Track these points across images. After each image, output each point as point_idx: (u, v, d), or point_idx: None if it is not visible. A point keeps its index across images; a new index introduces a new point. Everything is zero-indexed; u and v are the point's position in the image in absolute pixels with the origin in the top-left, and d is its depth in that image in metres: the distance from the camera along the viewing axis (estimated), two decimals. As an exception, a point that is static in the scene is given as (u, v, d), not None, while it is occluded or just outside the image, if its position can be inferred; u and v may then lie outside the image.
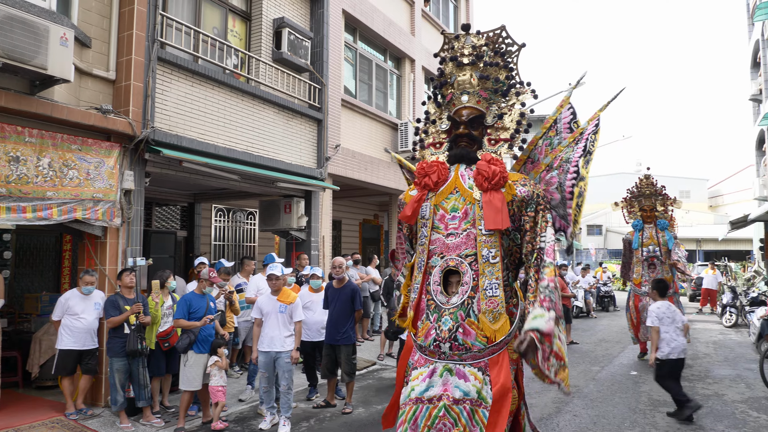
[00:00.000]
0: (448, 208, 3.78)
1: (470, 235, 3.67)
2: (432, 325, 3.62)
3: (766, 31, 20.36)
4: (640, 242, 10.66)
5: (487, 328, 3.52)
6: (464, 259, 3.63)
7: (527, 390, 8.01)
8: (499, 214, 3.56)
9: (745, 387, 8.34)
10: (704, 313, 19.26)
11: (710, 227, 43.42)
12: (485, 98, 3.98)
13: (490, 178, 3.62)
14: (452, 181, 3.85)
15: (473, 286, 3.58)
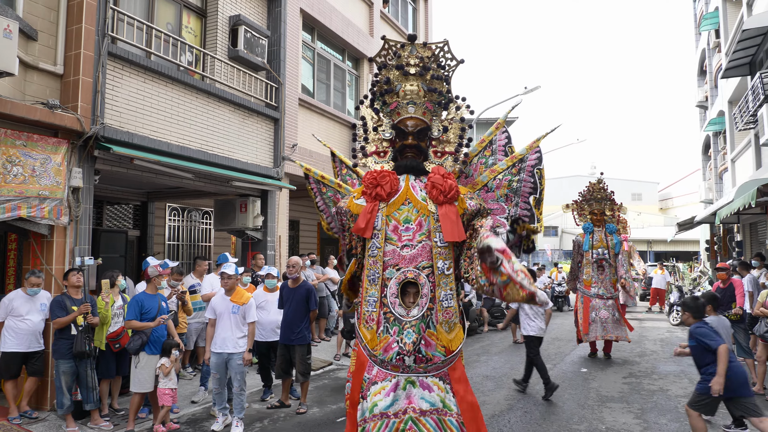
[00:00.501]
0: (401, 219, 3.81)
1: (426, 246, 3.72)
2: (393, 338, 3.63)
3: (711, 40, 21.19)
4: (590, 245, 10.93)
5: (444, 338, 3.61)
6: (421, 270, 3.67)
7: (481, 389, 8.19)
8: (456, 227, 3.66)
9: (688, 382, 8.67)
10: (653, 312, 19.92)
11: (661, 229, 44.87)
12: (430, 110, 4.03)
13: (446, 192, 3.71)
14: (404, 192, 3.88)
15: (431, 298, 3.64)
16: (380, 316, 3.70)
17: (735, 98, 17.24)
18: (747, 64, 14.77)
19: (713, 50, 21.33)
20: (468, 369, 9.47)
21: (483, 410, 6.96)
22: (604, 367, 9.89)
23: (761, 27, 12.38)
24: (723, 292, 9.23)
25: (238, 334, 6.34)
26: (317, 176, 4.99)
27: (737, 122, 14.73)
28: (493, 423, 6.52)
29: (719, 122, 20.19)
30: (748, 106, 13.22)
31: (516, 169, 4.13)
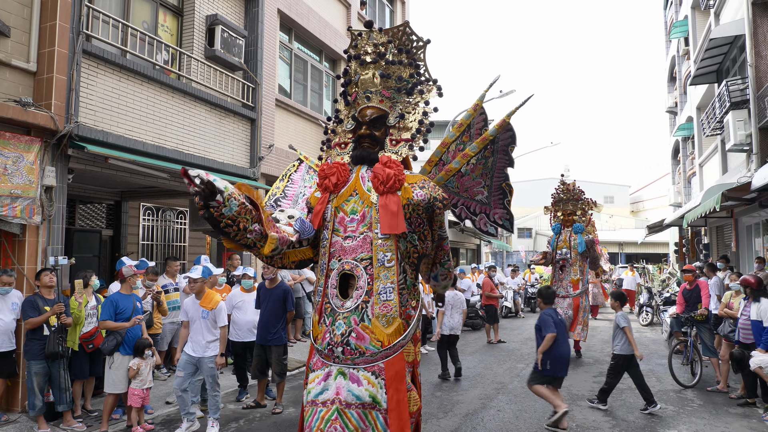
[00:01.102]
0: (348, 211, 3.72)
1: (367, 238, 3.62)
2: (327, 328, 3.59)
3: (681, 48, 21.72)
4: (555, 245, 11.24)
5: (380, 332, 3.49)
6: (359, 262, 3.59)
7: (456, 388, 8.30)
8: (395, 218, 3.54)
9: (656, 380, 8.91)
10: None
11: (632, 231, 45.72)
12: (388, 97, 3.90)
13: (385, 181, 3.59)
14: (352, 183, 3.79)
15: (367, 290, 3.54)
16: (322, 306, 3.67)
17: (703, 105, 17.72)
18: (714, 72, 15.20)
19: (683, 57, 21.87)
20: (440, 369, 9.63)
21: (458, 409, 7.11)
22: (575, 366, 10.09)
23: (727, 37, 12.77)
24: (689, 293, 9.51)
25: (209, 338, 6.24)
26: (313, 165, 5.02)
27: (705, 128, 15.15)
28: (467, 421, 6.63)
29: (688, 128, 20.71)
30: (714, 112, 13.61)
31: (489, 152, 4.08)
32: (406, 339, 3.58)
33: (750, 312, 7.24)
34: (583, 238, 10.98)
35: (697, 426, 6.52)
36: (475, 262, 23.18)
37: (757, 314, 7.10)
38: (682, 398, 7.79)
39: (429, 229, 3.80)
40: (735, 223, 15.14)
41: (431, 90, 3.98)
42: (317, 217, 3.74)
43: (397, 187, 3.62)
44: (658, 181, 51.08)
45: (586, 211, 11.59)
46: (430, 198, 3.70)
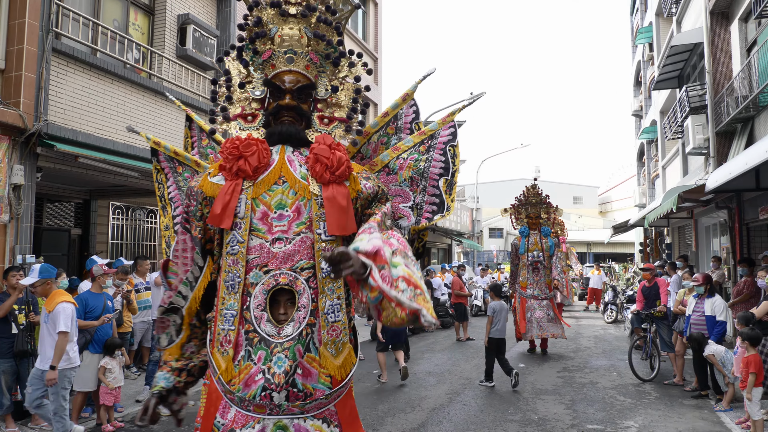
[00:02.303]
0: (273, 204, 2.80)
1: (306, 240, 2.74)
2: (257, 367, 2.60)
3: (646, 53, 22.35)
4: (526, 248, 11.45)
5: (330, 364, 2.65)
6: (299, 273, 2.69)
7: (424, 384, 8.49)
8: (345, 215, 2.78)
9: (617, 375, 9.24)
10: (590, 311, 20.84)
11: (600, 231, 46.64)
12: (315, 64, 3.04)
13: (334, 167, 2.79)
14: (277, 167, 2.87)
15: (312, 310, 2.66)
16: (240, 336, 2.66)
17: (665, 109, 18.28)
18: (676, 78, 15.72)
19: (647, 63, 22.50)
20: (412, 366, 9.83)
21: (425, 404, 7.29)
22: (541, 362, 10.39)
23: (687, 44, 13.24)
24: (648, 290, 9.86)
25: (51, 343, 5.39)
26: (170, 152, 3.80)
27: (667, 132, 15.65)
28: (434, 415, 6.82)
29: (652, 131, 21.32)
30: (676, 117, 14.09)
31: (425, 147, 3.33)
32: (353, 370, 2.79)
33: (704, 308, 7.59)
34: (552, 240, 11.43)
35: (652, 417, 6.82)
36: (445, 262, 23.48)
37: (711, 309, 7.45)
38: (640, 391, 8.11)
39: None
40: (695, 224, 15.70)
41: (358, 64, 3.21)
42: (224, 213, 2.76)
43: (346, 176, 2.85)
44: (625, 183, 52.24)
45: (551, 213, 11.92)
46: (378, 191, 2.96)
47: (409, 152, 3.34)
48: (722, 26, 11.84)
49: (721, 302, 7.53)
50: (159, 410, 2.66)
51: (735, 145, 10.99)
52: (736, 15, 11.23)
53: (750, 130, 10.39)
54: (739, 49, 11.15)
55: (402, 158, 3.33)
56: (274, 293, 2.68)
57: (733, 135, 11.31)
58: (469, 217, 29.83)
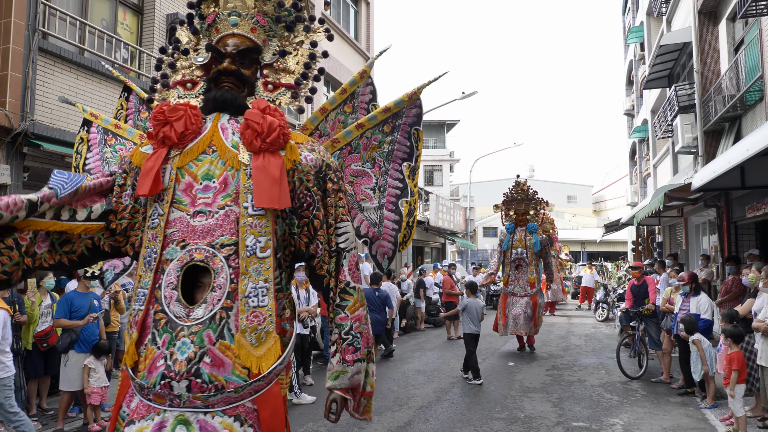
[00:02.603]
0: (199, 175, 2.54)
1: (230, 214, 2.47)
2: (160, 351, 2.34)
3: (637, 53, 22.44)
4: (509, 244, 11.41)
5: (247, 354, 2.36)
6: (218, 250, 2.42)
7: (412, 382, 8.52)
8: (276, 186, 2.47)
9: (605, 373, 9.30)
10: (582, 309, 20.92)
11: (594, 230, 46.83)
12: (263, 27, 2.81)
13: (265, 133, 2.51)
14: (207, 135, 2.61)
15: (230, 292, 2.39)
16: (148, 317, 2.42)
17: (656, 108, 18.36)
18: (666, 77, 15.80)
19: (638, 62, 22.58)
20: (401, 365, 9.87)
21: (413, 402, 7.32)
22: (530, 360, 10.43)
23: (677, 43, 13.31)
24: (637, 288, 9.92)
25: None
26: (109, 125, 3.56)
27: (657, 131, 15.73)
28: (421, 414, 6.84)
29: (643, 130, 21.41)
30: (665, 116, 14.17)
31: (389, 127, 3.17)
32: (283, 363, 2.49)
33: (690, 306, 7.65)
34: (537, 237, 11.28)
35: (638, 414, 6.87)
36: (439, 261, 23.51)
37: (696, 308, 7.51)
38: (628, 389, 8.16)
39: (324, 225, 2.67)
40: (685, 223, 15.79)
41: (318, 30, 2.95)
42: (148, 179, 2.51)
43: (280, 144, 2.56)
44: (618, 182, 52.41)
45: (539, 210, 11.83)
46: (322, 165, 2.65)
47: (373, 131, 3.19)
48: (710, 26, 11.91)
49: (707, 301, 7.59)
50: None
51: (723, 143, 11.07)
52: (723, 14, 11.30)
53: (737, 129, 10.45)
54: (726, 48, 11.22)
55: (366, 137, 3.18)
56: (199, 274, 2.44)
57: (721, 134, 11.38)
58: (463, 216, 29.89)
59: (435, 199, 23.62)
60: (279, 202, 2.48)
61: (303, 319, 7.73)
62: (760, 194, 9.32)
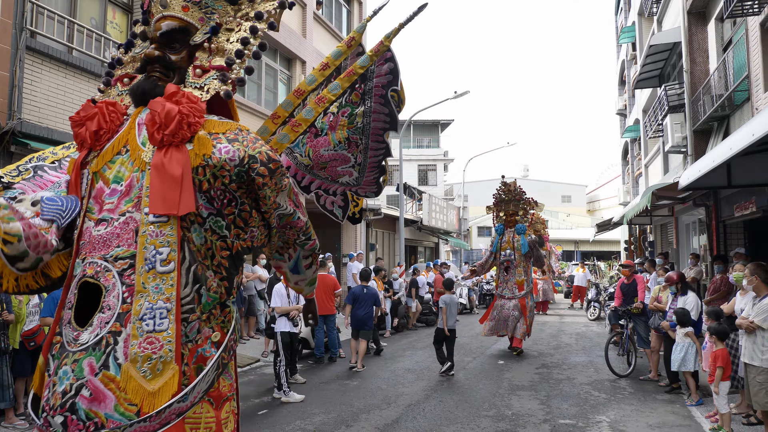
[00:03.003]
0: (110, 178, 2.23)
1: (129, 222, 2.13)
2: (49, 380, 2.09)
3: (629, 53, 22.51)
4: (498, 246, 11.28)
5: (138, 388, 1.96)
6: (111, 263, 2.08)
7: (402, 381, 8.54)
8: (176, 188, 2.09)
9: (594, 371, 9.34)
10: (575, 308, 21.00)
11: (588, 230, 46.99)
12: (197, 3, 2.44)
13: (164, 124, 2.13)
14: (123, 133, 2.30)
15: (121, 314, 2.03)
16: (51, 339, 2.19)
17: (647, 108, 18.44)
18: (657, 77, 15.87)
19: (630, 62, 22.66)
20: (392, 363, 9.90)
21: (401, 400, 7.34)
22: (520, 359, 10.47)
23: (667, 43, 13.38)
24: (627, 287, 9.98)
25: None
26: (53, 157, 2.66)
27: (648, 130, 15.80)
28: (409, 412, 6.87)
29: (635, 129, 21.50)
30: (656, 115, 14.23)
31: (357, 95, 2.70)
32: (186, 400, 2.03)
33: (678, 305, 7.69)
34: (525, 239, 11.09)
35: (624, 412, 6.91)
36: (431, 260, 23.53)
37: (684, 306, 7.55)
38: (616, 387, 8.21)
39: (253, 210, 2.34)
40: (676, 222, 15.87)
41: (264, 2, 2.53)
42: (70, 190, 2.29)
43: (184, 135, 2.17)
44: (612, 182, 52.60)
45: (528, 211, 11.70)
46: (244, 158, 2.23)
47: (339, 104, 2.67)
48: (699, 26, 11.98)
49: (694, 300, 7.64)
50: None
51: (712, 143, 11.13)
52: (712, 15, 11.36)
53: (726, 129, 10.52)
54: (715, 48, 11.29)
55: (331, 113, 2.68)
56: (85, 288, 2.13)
57: (710, 133, 11.45)
58: (456, 216, 29.94)
59: (428, 199, 23.65)
60: (178, 207, 2.09)
61: (293, 318, 7.74)
62: (747, 193, 9.38)
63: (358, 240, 17.99)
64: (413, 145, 39.68)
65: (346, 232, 18.08)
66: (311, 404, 7.14)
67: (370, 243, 19.33)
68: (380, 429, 6.19)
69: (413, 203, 26.69)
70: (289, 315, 7.71)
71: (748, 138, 5.13)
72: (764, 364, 5.40)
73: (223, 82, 2.38)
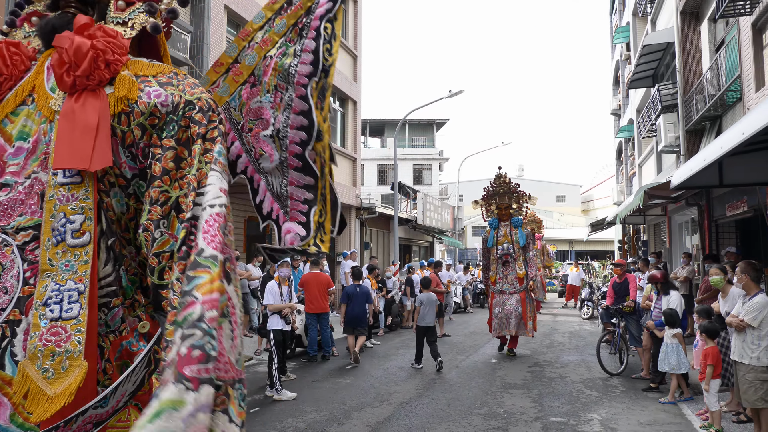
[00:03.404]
0: (14, 134, 1.83)
1: (34, 185, 1.76)
2: None
3: (623, 53, 22.59)
4: (495, 240, 10.92)
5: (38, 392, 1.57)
6: (12, 236, 1.70)
7: (394, 379, 8.54)
8: (89, 138, 1.68)
9: (586, 369, 9.37)
10: (569, 308, 21.05)
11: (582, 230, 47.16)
12: None
13: (74, 63, 1.74)
14: (29, 79, 1.90)
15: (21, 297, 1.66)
16: None
17: (641, 107, 18.50)
18: (650, 77, 15.93)
19: (625, 62, 22.74)
20: (385, 361, 9.91)
21: (393, 398, 7.34)
22: (513, 358, 10.48)
23: (660, 43, 13.43)
24: (619, 286, 10.01)
25: None
26: None
27: (642, 130, 15.85)
28: (401, 410, 6.87)
29: (629, 129, 21.58)
30: (649, 115, 14.28)
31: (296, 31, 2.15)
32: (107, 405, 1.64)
33: (662, 304, 7.77)
34: (523, 231, 10.83)
35: (616, 410, 6.93)
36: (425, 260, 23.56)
37: (668, 306, 7.64)
38: (608, 385, 8.23)
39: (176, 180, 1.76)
40: (669, 221, 15.94)
41: None
42: None
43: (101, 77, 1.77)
44: (606, 182, 52.79)
45: (522, 204, 11.29)
46: (179, 103, 1.79)
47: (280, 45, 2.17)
48: (693, 26, 12.03)
49: (677, 299, 7.72)
50: None
51: (704, 142, 11.18)
52: (705, 15, 11.41)
53: (718, 128, 10.57)
54: (708, 48, 11.34)
55: (270, 56, 2.16)
56: None
57: (703, 133, 11.50)
58: (451, 215, 29.97)
59: (423, 198, 23.67)
60: (90, 161, 1.66)
61: (285, 315, 7.73)
62: (739, 192, 9.43)
63: (352, 239, 17.99)
64: (408, 144, 39.69)
65: (340, 230, 18.05)
66: (303, 402, 7.14)
67: (364, 242, 19.33)
68: (372, 427, 6.19)
69: (408, 202, 26.70)
70: (281, 313, 7.70)
71: (738, 137, 5.16)
72: (754, 362, 5.43)
73: (150, 14, 1.97)
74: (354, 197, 18.08)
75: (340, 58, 17.71)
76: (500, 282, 10.83)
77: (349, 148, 18.25)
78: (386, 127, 39.62)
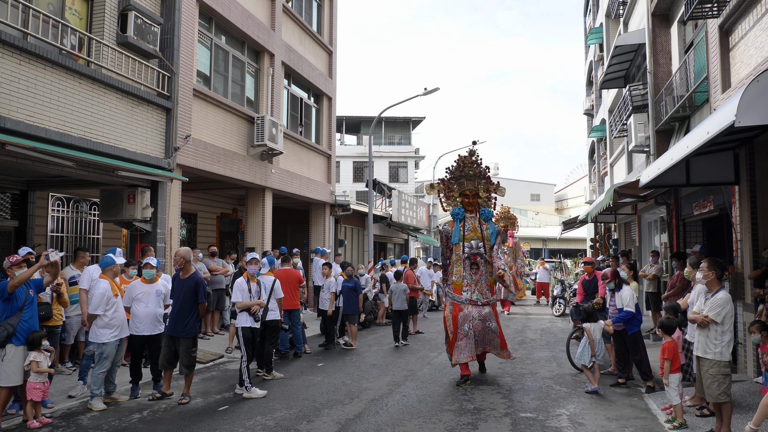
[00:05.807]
0: None
1: None
2: None
3: (596, 54, 22.85)
4: (461, 236, 8.50)
5: None
6: None
7: (366, 376, 8.49)
8: None
9: (556, 366, 9.46)
10: (541, 305, 21.26)
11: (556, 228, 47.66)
12: None
13: None
14: None
15: None
16: None
17: (613, 108, 18.74)
18: (622, 78, 16.14)
19: (598, 63, 23.00)
20: (357, 359, 9.87)
21: (364, 395, 7.31)
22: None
23: (632, 45, 13.61)
24: (588, 283, 10.16)
25: None
26: None
27: (613, 130, 16.05)
28: (371, 406, 6.84)
29: (601, 129, 21.84)
30: (621, 115, 14.47)
31: None
32: None
33: (615, 300, 7.97)
34: (494, 227, 8.70)
35: (584, 405, 7.01)
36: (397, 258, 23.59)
37: (621, 301, 7.84)
38: (577, 381, 8.32)
39: None
40: (638, 220, 16.18)
41: None
42: None
43: None
44: (580, 181, 53.48)
45: (491, 194, 8.95)
46: None
47: None
48: (663, 28, 12.20)
49: (628, 294, 7.92)
50: None
51: (673, 142, 11.36)
52: (675, 17, 11.59)
53: (686, 129, 10.74)
54: (678, 50, 11.51)
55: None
56: None
57: (672, 133, 11.69)
58: (426, 213, 30.03)
59: (398, 195, 23.66)
60: None
61: (254, 313, 7.64)
62: (705, 192, 9.60)
63: (326, 236, 17.89)
64: (384, 141, 39.67)
65: (314, 227, 17.96)
66: (273, 399, 7.07)
67: (339, 239, 19.24)
68: (342, 424, 6.15)
69: (383, 199, 26.67)
70: (250, 310, 7.60)
71: (703, 136, 5.24)
72: (717, 357, 5.53)
73: None
74: (329, 194, 17.98)
75: (315, 54, 17.63)
76: (468, 289, 8.37)
77: (324, 145, 18.13)
78: (362, 124, 39.53)
